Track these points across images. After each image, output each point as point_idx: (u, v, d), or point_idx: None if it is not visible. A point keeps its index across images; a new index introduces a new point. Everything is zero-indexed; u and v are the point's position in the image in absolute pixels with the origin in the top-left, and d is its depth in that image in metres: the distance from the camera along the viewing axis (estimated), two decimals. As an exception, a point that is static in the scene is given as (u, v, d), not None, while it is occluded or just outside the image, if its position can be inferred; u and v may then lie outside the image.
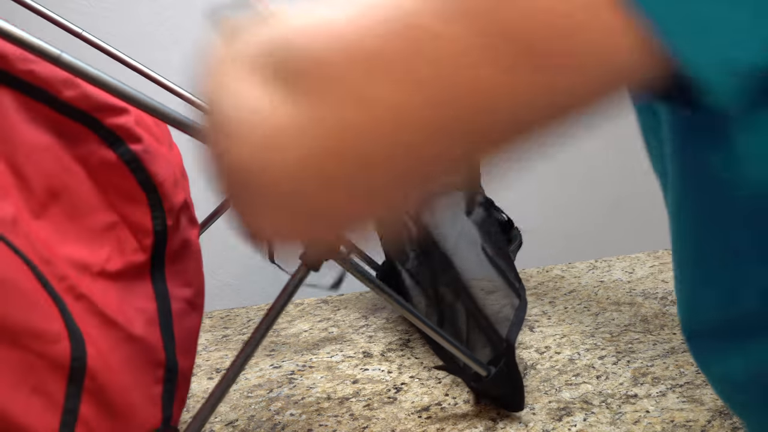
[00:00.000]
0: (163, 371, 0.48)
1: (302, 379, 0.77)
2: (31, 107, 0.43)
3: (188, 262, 0.51)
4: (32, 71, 0.42)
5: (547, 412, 0.69)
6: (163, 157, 0.48)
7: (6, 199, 0.41)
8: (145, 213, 0.48)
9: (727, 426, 0.65)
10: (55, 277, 0.41)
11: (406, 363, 0.81)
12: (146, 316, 0.48)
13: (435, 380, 0.76)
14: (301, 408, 0.70)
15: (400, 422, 0.67)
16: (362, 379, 0.77)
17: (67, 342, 0.41)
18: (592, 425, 0.66)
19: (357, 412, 0.69)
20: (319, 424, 0.67)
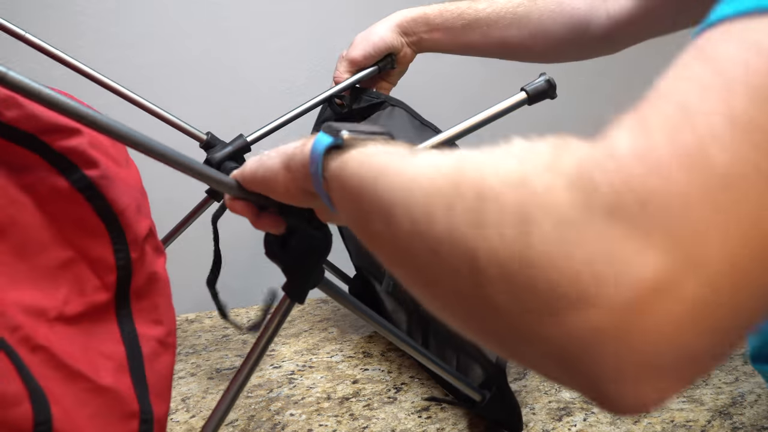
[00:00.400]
0: (137, 423, 0.43)
1: (302, 379, 0.77)
2: None
3: (157, 297, 0.46)
4: None
5: (547, 412, 0.69)
6: (122, 181, 0.42)
7: None
8: (106, 246, 0.42)
9: (727, 426, 0.65)
10: (7, 328, 0.36)
11: (406, 363, 0.81)
12: (114, 362, 0.43)
13: (435, 380, 0.76)
14: (301, 408, 0.70)
15: (400, 422, 0.67)
16: (362, 379, 0.77)
17: (28, 404, 0.35)
18: (592, 425, 0.66)
19: (357, 412, 0.69)
20: (319, 424, 0.67)
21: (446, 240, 0.24)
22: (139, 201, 0.44)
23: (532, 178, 0.23)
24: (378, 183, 0.29)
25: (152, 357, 0.45)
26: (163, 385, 0.46)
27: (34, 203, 0.40)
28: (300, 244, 0.51)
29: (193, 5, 1.00)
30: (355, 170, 0.32)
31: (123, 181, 0.43)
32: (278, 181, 0.42)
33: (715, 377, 0.75)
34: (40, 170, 0.40)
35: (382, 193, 0.28)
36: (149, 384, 0.44)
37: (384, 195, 0.28)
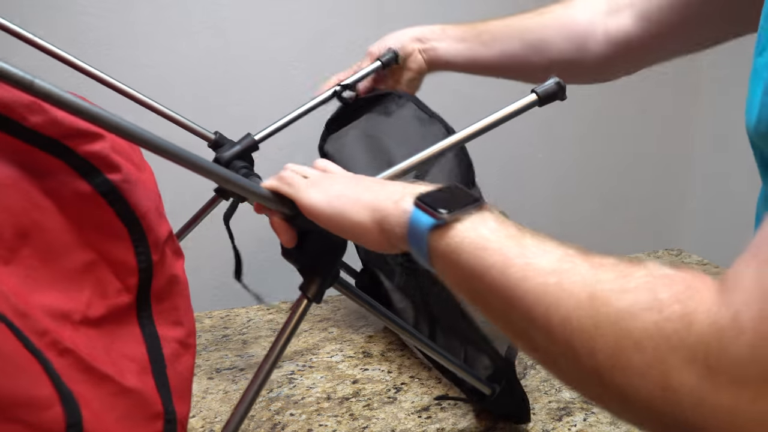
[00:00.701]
0: (162, 423, 0.43)
1: (302, 379, 0.77)
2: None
3: (176, 298, 0.46)
4: None
5: (547, 412, 0.69)
6: (143, 185, 0.43)
7: None
8: (128, 249, 0.42)
9: None
10: (35, 332, 0.36)
11: (406, 363, 0.81)
12: (137, 364, 0.43)
13: (435, 380, 0.76)
14: (301, 408, 0.71)
15: (400, 422, 0.67)
16: (362, 379, 0.77)
17: (59, 407, 0.35)
18: (592, 425, 0.66)
19: (357, 412, 0.69)
20: (319, 424, 0.67)
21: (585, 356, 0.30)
22: (158, 204, 0.44)
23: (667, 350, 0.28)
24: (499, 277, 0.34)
25: (173, 358, 0.45)
26: (184, 386, 0.46)
27: (57, 207, 0.40)
28: (316, 245, 0.51)
29: (195, 5, 1.00)
30: (468, 259, 0.36)
31: (144, 184, 0.43)
32: (370, 236, 0.45)
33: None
34: (63, 174, 0.40)
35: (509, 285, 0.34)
36: (171, 385, 0.44)
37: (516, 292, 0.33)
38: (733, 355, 0.26)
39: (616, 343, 0.29)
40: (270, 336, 0.89)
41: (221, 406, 0.71)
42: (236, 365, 0.81)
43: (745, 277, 0.27)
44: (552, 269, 0.33)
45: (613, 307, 0.29)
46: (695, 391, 0.26)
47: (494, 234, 0.36)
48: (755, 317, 0.26)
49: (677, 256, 1.19)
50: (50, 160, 0.40)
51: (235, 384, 0.76)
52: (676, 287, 0.29)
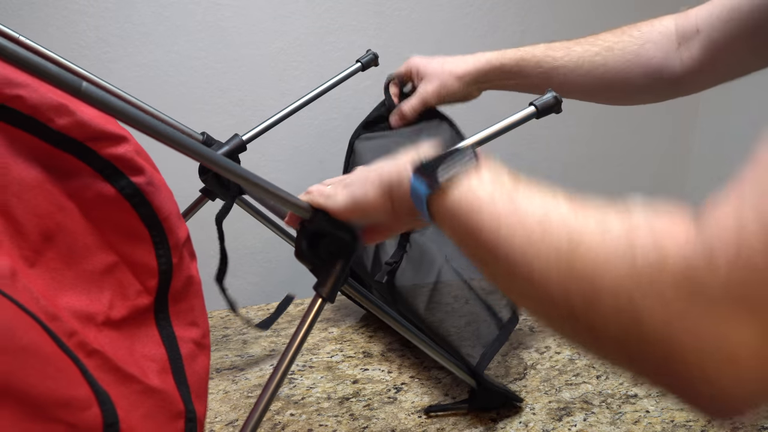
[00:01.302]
0: (183, 421, 0.44)
1: (302, 379, 0.77)
2: (19, 138, 0.38)
3: (192, 299, 0.46)
4: (20, 97, 0.37)
5: (547, 412, 0.69)
6: (165, 187, 0.43)
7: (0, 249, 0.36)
8: (149, 251, 0.43)
9: (727, 426, 0.65)
10: (65, 333, 0.36)
11: (406, 363, 0.81)
12: (158, 364, 0.43)
13: (435, 380, 0.76)
14: (301, 408, 0.70)
15: (400, 422, 0.67)
16: (362, 379, 0.77)
17: (97, 407, 0.36)
18: (592, 425, 0.66)
19: (357, 412, 0.69)
20: (319, 424, 0.67)
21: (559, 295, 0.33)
22: (177, 207, 0.45)
23: (642, 279, 0.30)
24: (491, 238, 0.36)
25: (190, 358, 0.46)
26: (202, 386, 0.47)
27: (80, 209, 0.41)
28: (329, 246, 0.53)
29: (195, 5, 1.00)
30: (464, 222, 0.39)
31: (165, 187, 0.43)
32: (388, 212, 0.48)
33: (715, 377, 0.75)
34: (87, 177, 0.40)
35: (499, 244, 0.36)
36: (190, 384, 0.45)
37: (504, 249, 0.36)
38: (707, 293, 0.27)
39: (592, 289, 0.31)
40: (270, 336, 0.89)
41: (221, 406, 0.71)
42: (236, 365, 0.81)
43: (722, 213, 0.29)
44: (538, 221, 0.35)
45: (591, 256, 0.32)
46: (667, 329, 0.28)
47: (488, 193, 0.38)
48: (730, 255, 0.27)
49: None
50: (75, 162, 0.40)
51: (235, 384, 0.76)
52: (654, 235, 0.31)
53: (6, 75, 0.36)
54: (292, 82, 1.08)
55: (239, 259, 1.07)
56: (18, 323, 0.33)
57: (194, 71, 1.03)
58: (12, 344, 0.32)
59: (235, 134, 0.79)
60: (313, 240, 0.53)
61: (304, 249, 0.53)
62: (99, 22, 0.96)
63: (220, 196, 0.78)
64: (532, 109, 0.66)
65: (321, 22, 1.07)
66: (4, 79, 0.36)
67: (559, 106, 0.66)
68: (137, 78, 0.99)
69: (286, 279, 1.13)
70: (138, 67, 0.99)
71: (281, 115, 0.82)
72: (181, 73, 1.02)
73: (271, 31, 1.05)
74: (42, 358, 0.33)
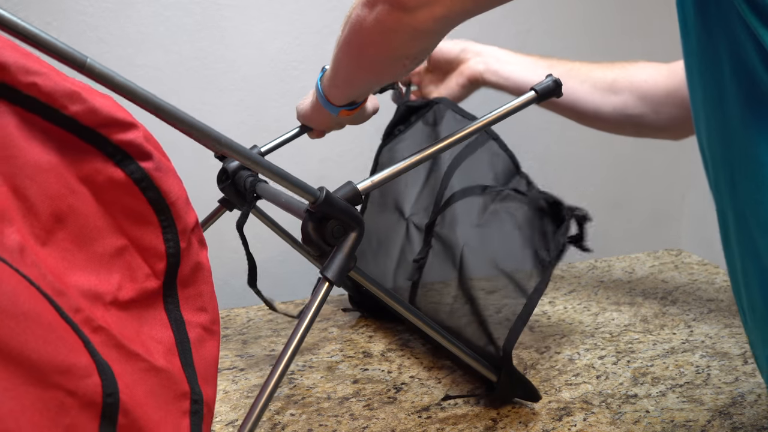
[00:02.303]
0: (188, 403, 0.45)
1: (302, 379, 0.77)
2: (34, 123, 0.40)
3: (201, 285, 0.48)
4: (35, 84, 0.39)
5: (547, 412, 0.69)
6: (173, 173, 0.45)
7: (11, 226, 0.37)
8: (157, 235, 0.44)
9: (727, 426, 0.65)
10: (71, 308, 0.38)
11: (406, 363, 0.81)
12: (164, 345, 0.45)
13: (435, 380, 0.76)
14: (301, 408, 0.71)
15: (400, 422, 0.67)
16: (362, 379, 0.77)
17: (97, 377, 0.37)
18: (592, 425, 0.66)
19: (357, 412, 0.69)
20: (319, 424, 0.67)
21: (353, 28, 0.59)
22: (185, 193, 0.46)
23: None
24: None
25: (198, 343, 0.47)
26: (210, 371, 0.48)
27: (91, 193, 0.42)
28: (335, 229, 0.55)
29: (195, 5, 1.00)
30: None
31: (174, 174, 0.45)
32: None
33: (715, 377, 0.75)
34: (98, 161, 0.42)
35: None
36: (197, 368, 0.46)
37: None
38: None
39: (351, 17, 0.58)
40: (270, 336, 0.89)
41: (221, 406, 0.71)
42: (236, 365, 0.81)
43: None
44: None
45: None
46: None
47: None
48: None
49: (677, 256, 1.19)
50: (87, 147, 0.42)
51: (235, 384, 0.76)
52: None
53: (22, 63, 0.38)
54: (292, 82, 1.08)
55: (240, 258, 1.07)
56: (22, 291, 0.34)
57: (194, 71, 1.03)
58: (14, 308, 0.33)
59: (254, 145, 0.81)
60: (320, 224, 0.55)
61: (310, 233, 0.55)
62: (99, 22, 0.96)
63: (237, 205, 0.79)
64: (532, 93, 0.66)
65: (321, 22, 1.07)
66: (21, 67, 0.38)
67: (560, 89, 0.67)
68: (137, 78, 0.99)
69: (288, 279, 1.13)
70: (138, 67, 0.99)
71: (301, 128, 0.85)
72: (181, 73, 1.02)
73: (271, 31, 1.05)
74: (44, 325, 0.35)
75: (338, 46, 0.63)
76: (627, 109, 0.85)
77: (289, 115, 1.08)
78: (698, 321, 0.90)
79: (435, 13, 0.51)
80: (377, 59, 0.60)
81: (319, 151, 1.10)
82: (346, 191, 0.58)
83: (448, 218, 0.78)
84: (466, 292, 0.74)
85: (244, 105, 1.06)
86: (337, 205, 0.55)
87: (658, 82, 0.84)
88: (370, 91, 0.74)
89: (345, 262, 0.56)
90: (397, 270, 0.84)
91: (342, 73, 0.66)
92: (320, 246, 0.56)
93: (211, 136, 0.45)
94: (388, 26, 0.53)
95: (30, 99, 0.39)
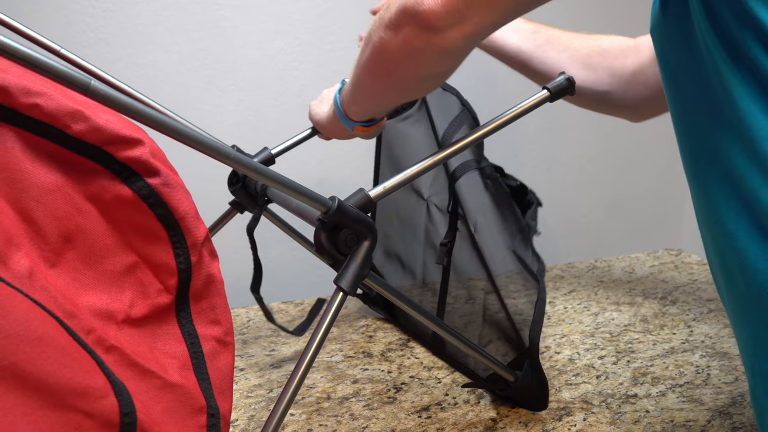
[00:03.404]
0: (205, 417, 0.45)
1: (302, 379, 0.77)
2: (37, 145, 0.39)
3: (214, 298, 0.47)
4: (37, 105, 0.38)
5: (547, 412, 0.69)
6: (181, 188, 0.45)
7: (19, 250, 0.37)
8: (167, 251, 0.44)
9: (727, 426, 0.65)
10: (83, 330, 0.38)
11: (406, 363, 0.81)
12: (178, 360, 0.45)
13: (435, 380, 0.76)
14: (301, 408, 0.71)
15: (400, 422, 0.67)
16: (362, 379, 0.77)
17: (113, 397, 0.37)
18: (592, 425, 0.66)
19: (357, 412, 0.69)
20: (319, 424, 0.67)
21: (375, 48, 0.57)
22: (194, 206, 0.46)
23: None
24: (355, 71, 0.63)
25: (212, 356, 0.47)
26: (225, 384, 0.48)
27: (99, 211, 0.42)
28: (348, 238, 0.55)
29: (195, 5, 1.00)
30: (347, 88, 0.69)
31: (182, 188, 0.45)
32: None
33: (715, 377, 0.75)
34: (105, 180, 0.42)
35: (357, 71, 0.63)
36: (212, 381, 0.46)
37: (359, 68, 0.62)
38: None
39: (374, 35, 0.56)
40: (270, 336, 0.89)
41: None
42: (236, 365, 0.81)
43: None
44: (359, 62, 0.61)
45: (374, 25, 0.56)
46: None
47: None
48: None
49: (677, 256, 1.19)
50: (92, 166, 0.42)
51: (235, 384, 0.76)
52: None
53: (24, 84, 0.38)
54: (292, 81, 1.08)
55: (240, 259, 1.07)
56: (35, 316, 0.34)
57: (194, 71, 1.03)
58: (28, 333, 0.33)
59: (264, 147, 0.81)
60: (332, 234, 0.54)
61: (323, 243, 0.55)
62: (99, 22, 0.96)
63: (248, 207, 0.79)
64: (545, 92, 0.65)
65: (321, 22, 1.07)
66: (22, 89, 0.38)
67: (573, 87, 0.65)
68: (137, 78, 0.99)
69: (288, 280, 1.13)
70: (138, 67, 0.99)
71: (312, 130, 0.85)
72: (181, 73, 1.02)
73: (271, 31, 1.05)
74: (58, 348, 0.35)
75: (359, 67, 0.60)
76: (597, 85, 0.85)
77: (289, 115, 1.09)
78: (698, 321, 0.90)
79: (464, 31, 0.50)
80: (403, 80, 0.58)
81: (320, 152, 1.10)
82: (357, 199, 0.56)
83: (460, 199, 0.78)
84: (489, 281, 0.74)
85: (244, 105, 1.06)
86: (350, 214, 0.54)
87: (627, 58, 0.84)
88: (392, 109, 0.73)
89: (359, 271, 0.55)
90: (425, 251, 0.85)
91: (364, 91, 0.64)
92: (333, 255, 0.55)
93: (221, 151, 0.44)
94: (416, 48, 0.52)
95: (33, 121, 0.39)
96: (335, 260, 0.56)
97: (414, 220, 0.87)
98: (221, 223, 0.83)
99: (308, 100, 0.84)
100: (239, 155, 0.46)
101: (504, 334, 0.71)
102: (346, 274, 0.55)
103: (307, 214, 0.60)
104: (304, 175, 1.10)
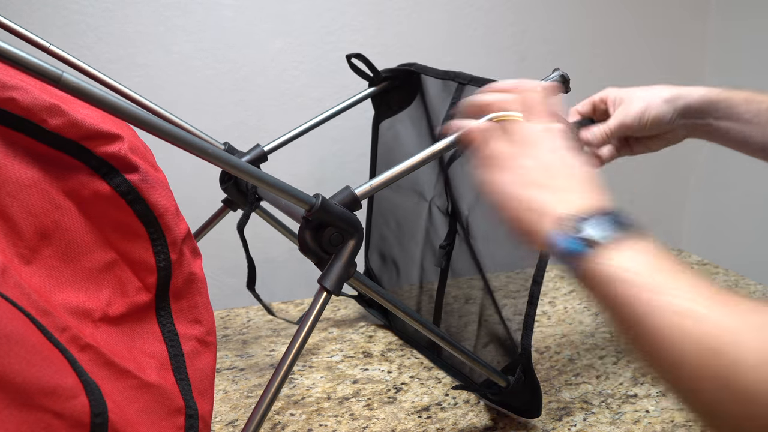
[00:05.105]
0: (183, 418, 0.44)
1: (302, 379, 0.77)
2: (13, 140, 0.38)
3: (195, 297, 0.47)
4: (13, 99, 0.37)
5: (547, 412, 0.69)
6: (161, 184, 0.44)
7: None
8: (147, 248, 0.43)
9: (727, 426, 0.65)
10: (56, 328, 0.37)
11: (406, 363, 0.81)
12: (157, 360, 0.44)
13: (435, 380, 0.76)
14: (301, 408, 0.71)
15: (400, 422, 0.67)
16: (362, 379, 0.77)
17: (84, 397, 0.36)
18: (592, 425, 0.66)
19: (357, 412, 0.69)
20: (319, 424, 0.67)
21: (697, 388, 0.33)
22: (175, 203, 0.45)
23: None
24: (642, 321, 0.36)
25: (193, 355, 0.46)
26: (206, 384, 0.47)
27: (77, 208, 0.41)
28: (333, 237, 0.53)
29: (195, 5, 1.00)
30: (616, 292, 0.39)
31: (161, 184, 0.44)
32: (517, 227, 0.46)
33: (715, 377, 0.75)
34: (83, 175, 0.41)
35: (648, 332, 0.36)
36: (192, 382, 0.45)
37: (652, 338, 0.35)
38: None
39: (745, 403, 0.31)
40: (270, 336, 0.89)
41: (221, 406, 0.71)
42: (236, 365, 0.81)
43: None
44: (686, 311, 0.34)
45: (752, 377, 0.31)
46: None
47: (645, 268, 0.38)
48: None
49: (677, 256, 1.19)
50: (70, 161, 0.40)
51: (235, 384, 0.76)
52: None
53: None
54: (292, 82, 1.08)
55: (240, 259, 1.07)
56: (3, 313, 0.33)
57: (194, 71, 1.03)
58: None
59: (257, 144, 0.80)
60: (316, 232, 0.53)
61: (307, 241, 0.53)
62: (99, 22, 0.96)
63: (240, 205, 0.79)
64: None
65: (321, 22, 1.07)
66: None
67: (567, 84, 0.64)
68: (137, 78, 0.99)
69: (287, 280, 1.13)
70: (138, 67, 0.99)
71: (305, 128, 0.84)
72: (181, 73, 1.02)
73: (271, 31, 1.05)
74: (27, 347, 0.33)
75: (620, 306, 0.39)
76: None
77: (289, 115, 1.09)
78: (698, 321, 0.90)
79: None
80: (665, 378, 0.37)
81: (319, 152, 1.10)
82: (343, 197, 0.55)
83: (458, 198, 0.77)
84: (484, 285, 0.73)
85: (244, 105, 1.06)
86: (334, 212, 0.52)
87: None
88: None
89: (343, 271, 0.54)
90: (423, 254, 0.84)
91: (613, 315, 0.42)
92: (318, 254, 0.54)
93: (196, 146, 0.42)
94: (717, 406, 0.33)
95: (8, 115, 0.38)
96: (320, 259, 0.54)
97: (413, 222, 0.86)
98: (214, 221, 0.82)
99: (308, 100, 0.84)
100: (219, 152, 0.44)
101: (498, 338, 0.71)
102: (330, 274, 0.54)
103: (295, 213, 0.59)
104: (303, 175, 1.10)
